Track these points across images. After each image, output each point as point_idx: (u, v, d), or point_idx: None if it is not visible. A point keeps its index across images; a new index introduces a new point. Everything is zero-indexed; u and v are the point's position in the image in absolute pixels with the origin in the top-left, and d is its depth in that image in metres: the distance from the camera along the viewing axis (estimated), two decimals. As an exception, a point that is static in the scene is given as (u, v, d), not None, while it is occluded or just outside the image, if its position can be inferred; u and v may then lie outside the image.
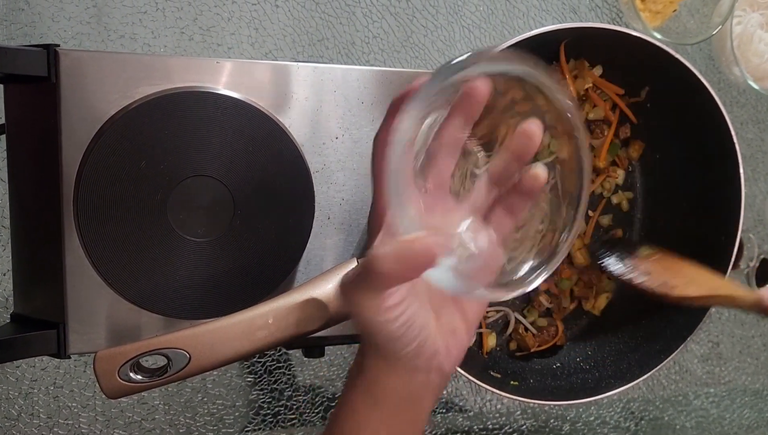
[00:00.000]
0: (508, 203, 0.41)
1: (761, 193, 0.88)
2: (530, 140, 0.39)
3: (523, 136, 0.39)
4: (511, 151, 0.40)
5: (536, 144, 0.39)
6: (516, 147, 0.40)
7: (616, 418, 0.83)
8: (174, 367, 0.46)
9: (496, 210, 0.42)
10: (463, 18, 0.71)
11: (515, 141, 0.39)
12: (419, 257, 0.35)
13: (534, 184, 0.40)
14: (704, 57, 0.83)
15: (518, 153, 0.40)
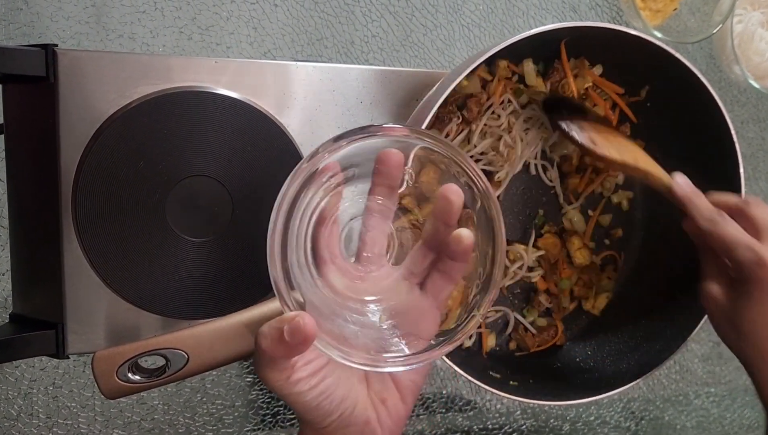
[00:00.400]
0: (443, 268, 0.42)
1: (762, 192, 0.88)
2: (450, 204, 0.39)
3: (444, 200, 0.40)
4: (435, 215, 0.41)
5: (457, 207, 0.39)
6: (439, 211, 0.40)
7: (616, 417, 0.83)
8: (172, 367, 0.46)
9: (432, 275, 0.42)
10: (462, 17, 0.71)
11: (437, 205, 0.40)
12: (294, 336, 0.36)
13: (458, 247, 0.40)
14: (705, 56, 0.83)
15: (442, 217, 0.40)
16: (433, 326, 0.42)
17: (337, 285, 0.41)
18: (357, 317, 0.41)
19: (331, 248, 0.41)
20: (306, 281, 0.39)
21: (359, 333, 0.41)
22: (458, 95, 0.60)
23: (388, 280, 0.43)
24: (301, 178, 0.37)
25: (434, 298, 0.42)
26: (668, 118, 0.65)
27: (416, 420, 0.73)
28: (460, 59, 0.71)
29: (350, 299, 0.42)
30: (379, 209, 0.42)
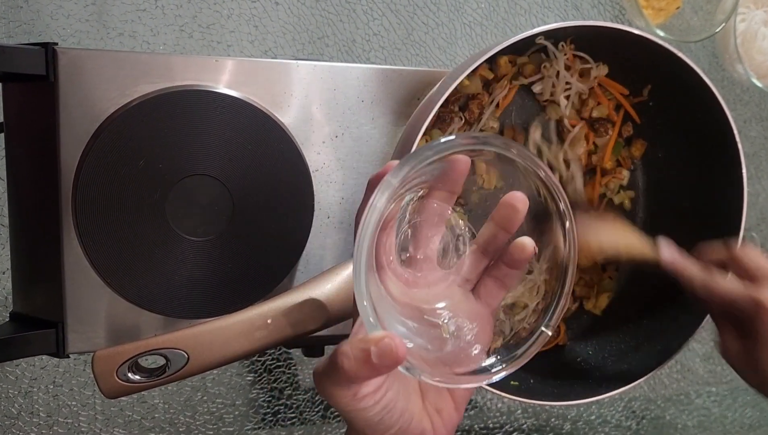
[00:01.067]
0: (498, 274, 0.42)
1: (764, 192, 0.87)
2: (515, 211, 0.39)
3: (508, 208, 0.39)
4: (496, 222, 0.40)
5: (521, 215, 0.39)
6: (501, 218, 0.40)
7: (617, 417, 0.83)
8: (172, 367, 0.46)
9: (486, 281, 0.42)
10: (464, 15, 0.70)
11: (500, 212, 0.40)
12: (383, 358, 0.34)
13: (521, 256, 0.40)
14: (707, 54, 0.82)
15: (504, 224, 0.40)
16: (489, 333, 0.42)
17: (395, 292, 0.40)
18: (423, 328, 0.40)
19: (387, 252, 0.40)
20: (373, 289, 0.38)
21: (428, 345, 0.40)
22: (459, 95, 0.60)
23: (444, 286, 0.42)
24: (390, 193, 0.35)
25: (487, 305, 0.42)
26: (671, 117, 0.65)
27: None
28: (462, 58, 0.71)
29: (412, 307, 0.41)
30: (435, 213, 0.41)
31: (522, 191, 0.39)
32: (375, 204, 0.34)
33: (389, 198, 0.34)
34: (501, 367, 0.39)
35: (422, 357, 0.38)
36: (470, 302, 0.42)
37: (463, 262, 0.42)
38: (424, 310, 0.41)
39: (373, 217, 0.34)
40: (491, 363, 0.40)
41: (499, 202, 0.40)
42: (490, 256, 0.42)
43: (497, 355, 0.40)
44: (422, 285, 0.42)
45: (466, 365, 0.40)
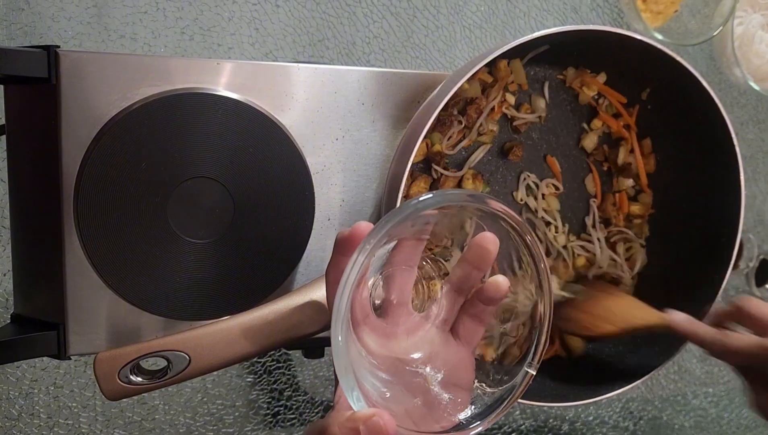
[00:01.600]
0: (475, 311, 0.42)
1: (761, 194, 0.88)
2: (486, 252, 0.40)
3: (479, 248, 0.40)
4: (468, 262, 0.41)
5: (493, 254, 0.40)
6: (473, 258, 0.41)
7: (615, 417, 0.83)
8: (174, 369, 0.46)
9: (463, 319, 0.42)
10: (464, 18, 0.71)
11: (471, 252, 0.40)
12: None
13: (497, 293, 0.40)
14: (705, 57, 0.83)
15: (476, 264, 0.41)
16: (471, 372, 0.42)
17: (373, 347, 0.40)
18: (406, 380, 0.41)
19: (363, 308, 0.40)
20: (351, 352, 0.37)
21: (413, 397, 0.40)
22: (458, 99, 0.60)
23: (423, 331, 0.42)
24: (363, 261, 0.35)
25: (467, 344, 0.42)
26: (669, 119, 0.65)
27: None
28: (462, 60, 0.71)
29: (392, 360, 0.41)
30: (406, 260, 0.42)
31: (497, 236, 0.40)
32: (354, 265, 0.34)
33: (366, 258, 0.34)
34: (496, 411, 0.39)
35: (408, 411, 0.38)
36: (450, 345, 0.42)
37: (440, 303, 0.43)
38: (405, 361, 0.41)
39: (350, 280, 0.34)
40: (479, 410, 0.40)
41: (471, 242, 0.40)
42: (465, 295, 0.42)
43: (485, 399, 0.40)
44: (401, 334, 0.42)
45: (454, 412, 0.40)
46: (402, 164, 0.53)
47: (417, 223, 0.40)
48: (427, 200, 0.35)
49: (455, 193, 0.39)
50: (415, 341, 0.42)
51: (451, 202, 0.38)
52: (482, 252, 0.40)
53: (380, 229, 0.34)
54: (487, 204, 0.38)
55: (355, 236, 0.37)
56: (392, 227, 0.35)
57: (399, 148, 0.56)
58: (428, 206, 0.36)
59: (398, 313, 0.42)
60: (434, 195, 0.36)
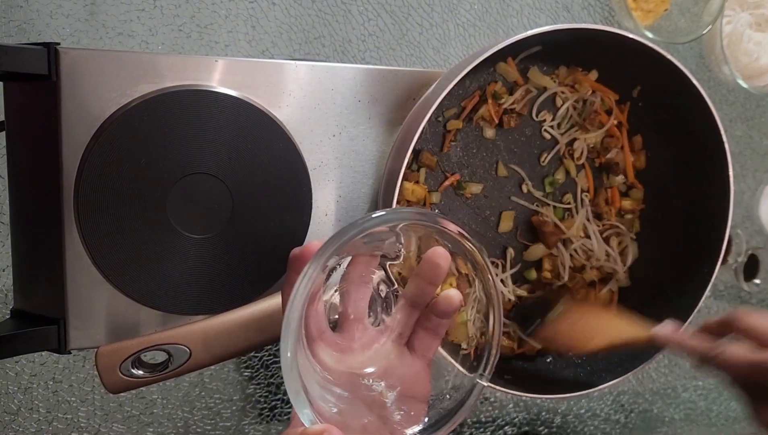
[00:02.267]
0: (430, 325, 0.43)
1: (749, 190, 0.89)
2: (437, 267, 0.41)
3: (431, 264, 0.41)
4: (421, 277, 0.42)
5: (444, 270, 0.41)
6: (425, 273, 0.41)
7: (606, 410, 0.85)
8: (175, 362, 0.47)
9: (419, 333, 0.43)
10: (458, 16, 0.71)
11: (423, 268, 0.41)
12: None
13: (450, 307, 0.41)
14: (694, 56, 0.84)
15: (429, 278, 0.41)
16: (427, 385, 0.43)
17: (329, 362, 0.41)
18: (361, 394, 0.41)
19: (318, 323, 0.41)
20: (304, 367, 0.38)
21: (369, 412, 0.40)
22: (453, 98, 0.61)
23: (379, 346, 0.43)
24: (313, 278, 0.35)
25: (423, 357, 0.43)
26: (659, 116, 0.66)
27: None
28: (456, 58, 0.72)
29: (348, 375, 0.41)
30: (360, 276, 0.42)
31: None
32: (302, 282, 0.34)
33: (316, 274, 0.34)
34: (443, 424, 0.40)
35: (364, 425, 0.39)
36: (405, 358, 0.43)
37: (395, 317, 0.43)
38: (360, 376, 0.42)
39: (299, 296, 0.34)
40: (433, 422, 0.40)
41: (423, 258, 0.41)
42: (420, 309, 0.43)
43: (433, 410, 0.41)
44: (357, 348, 0.42)
45: (409, 424, 0.40)
46: (398, 161, 0.54)
47: (370, 239, 0.40)
48: (378, 218, 0.36)
49: (406, 212, 0.40)
50: (371, 355, 0.43)
51: (401, 220, 0.38)
52: (434, 267, 0.41)
53: (328, 248, 0.35)
54: (438, 223, 0.38)
55: (306, 254, 0.38)
56: (340, 246, 0.35)
57: (395, 145, 0.57)
58: (377, 224, 0.36)
59: (354, 328, 0.43)
60: (386, 213, 0.36)
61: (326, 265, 0.36)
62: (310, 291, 0.35)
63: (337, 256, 0.38)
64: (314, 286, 0.35)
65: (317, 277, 0.35)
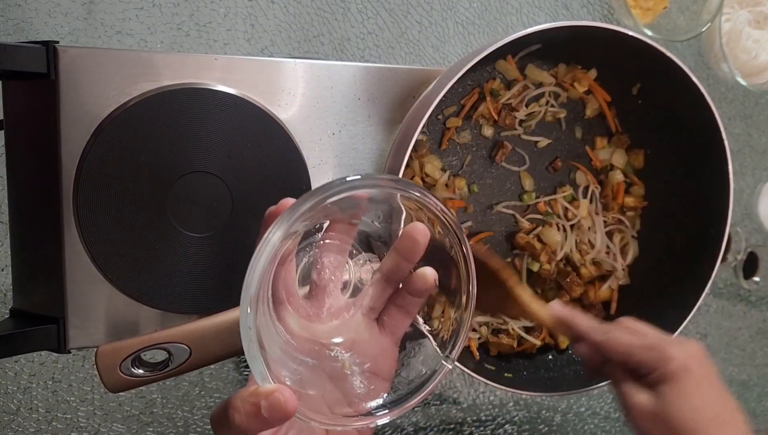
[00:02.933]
0: (402, 302, 0.42)
1: (748, 188, 0.89)
2: (415, 243, 0.39)
3: (409, 239, 0.40)
4: (398, 252, 0.41)
5: (422, 246, 0.39)
6: (403, 249, 0.40)
7: (606, 408, 0.85)
8: (175, 361, 0.47)
9: (390, 309, 0.42)
10: (457, 14, 0.71)
11: (401, 243, 0.40)
12: (273, 412, 0.33)
13: (424, 285, 0.40)
14: (693, 53, 0.84)
15: (406, 254, 0.40)
16: (392, 364, 0.42)
17: (294, 328, 0.40)
18: (323, 363, 0.40)
19: (287, 287, 0.39)
20: (266, 328, 0.37)
21: (327, 383, 0.39)
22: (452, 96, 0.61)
23: (347, 318, 0.42)
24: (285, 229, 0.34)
25: (392, 334, 0.42)
26: (659, 114, 0.66)
27: (411, 412, 0.74)
28: (455, 56, 0.72)
29: (312, 343, 0.40)
30: (335, 244, 0.41)
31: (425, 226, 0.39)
32: (269, 239, 0.33)
33: (284, 234, 0.33)
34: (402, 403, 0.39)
35: (324, 395, 0.38)
36: (374, 333, 0.42)
37: (367, 291, 0.42)
38: (325, 345, 0.41)
39: (263, 254, 0.33)
40: (393, 399, 0.40)
41: (401, 232, 0.40)
42: (394, 285, 0.42)
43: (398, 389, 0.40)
44: (325, 317, 0.41)
45: (368, 399, 0.39)
46: (398, 159, 0.54)
47: (345, 205, 0.38)
48: (351, 183, 0.34)
49: (380, 178, 0.38)
50: (339, 326, 0.42)
51: (374, 186, 0.36)
52: (412, 243, 0.40)
53: (297, 208, 0.33)
54: (410, 191, 0.37)
55: (281, 211, 0.37)
56: (310, 208, 0.34)
57: (395, 143, 0.57)
58: (350, 189, 0.35)
59: (324, 296, 0.42)
60: (361, 178, 0.35)
61: (295, 225, 0.34)
62: (277, 251, 0.33)
63: (307, 219, 0.36)
64: (286, 247, 0.34)
65: (290, 239, 0.34)
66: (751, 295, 0.91)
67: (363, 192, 0.37)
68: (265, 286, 0.36)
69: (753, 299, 0.91)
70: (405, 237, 0.40)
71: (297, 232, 0.38)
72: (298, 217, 0.34)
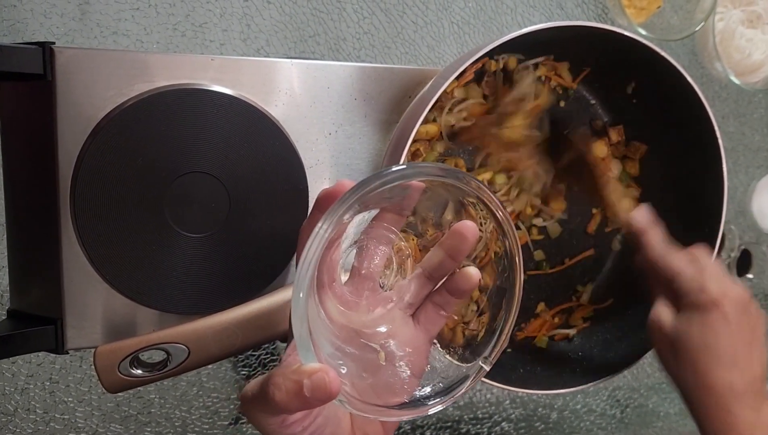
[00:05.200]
0: (440, 301, 0.41)
1: (742, 186, 0.90)
2: (464, 240, 0.39)
3: (457, 236, 0.39)
4: (444, 249, 0.40)
5: (470, 244, 0.39)
6: (450, 246, 0.39)
7: (602, 405, 0.85)
8: (174, 361, 0.47)
9: (427, 307, 0.41)
10: (452, 14, 0.72)
11: (449, 240, 0.39)
12: (316, 392, 0.32)
13: (466, 285, 0.40)
14: (687, 52, 0.84)
15: (452, 252, 0.40)
16: (424, 361, 0.41)
17: (333, 313, 0.39)
18: (359, 353, 0.40)
19: (331, 272, 0.39)
20: (310, 311, 0.36)
21: (363, 371, 0.39)
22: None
23: (385, 309, 0.41)
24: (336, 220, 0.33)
25: (426, 332, 0.41)
26: (653, 113, 0.66)
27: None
28: (450, 56, 0.72)
29: (349, 330, 0.40)
30: (383, 234, 0.41)
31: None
32: (319, 232, 0.32)
33: (335, 225, 0.33)
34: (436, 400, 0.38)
35: (354, 383, 0.37)
36: (409, 328, 0.41)
37: (408, 285, 0.42)
38: (361, 334, 0.40)
39: (316, 245, 0.32)
40: (425, 394, 0.39)
41: (450, 229, 0.39)
42: (435, 282, 0.41)
43: (432, 386, 0.40)
44: (363, 307, 0.41)
45: (400, 394, 0.39)
46: (395, 158, 0.54)
47: (394, 194, 0.38)
48: (398, 172, 0.34)
49: (427, 166, 0.37)
50: (375, 318, 0.41)
51: (421, 174, 0.36)
52: (460, 240, 0.39)
53: (351, 195, 0.33)
54: (460, 179, 0.36)
55: (337, 194, 0.36)
56: (364, 194, 0.33)
57: (391, 143, 0.57)
58: (399, 178, 0.34)
59: (364, 285, 0.41)
60: (407, 166, 0.35)
61: (348, 213, 0.34)
62: (330, 237, 0.33)
63: (360, 206, 0.36)
64: (335, 232, 0.34)
65: (338, 224, 0.34)
66: (745, 292, 0.92)
67: (418, 182, 0.36)
68: (314, 272, 0.35)
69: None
70: (453, 234, 0.39)
71: (348, 218, 0.37)
72: (350, 206, 0.33)
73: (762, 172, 0.90)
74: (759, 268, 0.89)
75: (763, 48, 0.81)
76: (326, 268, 0.38)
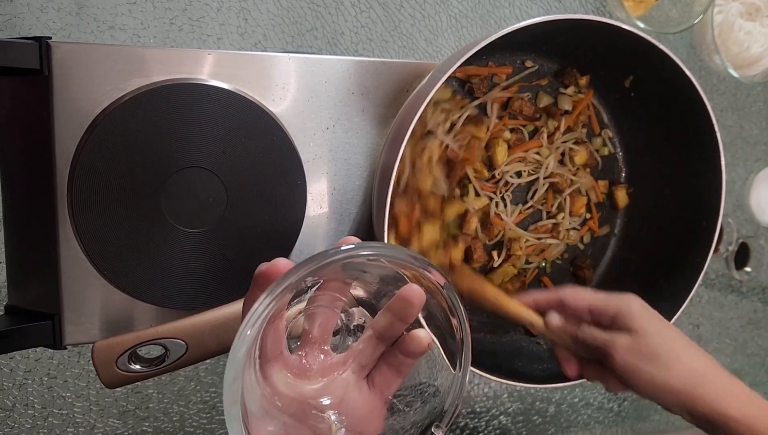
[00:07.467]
0: (394, 362, 0.41)
1: (740, 179, 0.90)
2: (410, 306, 0.39)
3: (404, 301, 0.39)
4: (392, 312, 0.40)
5: (417, 309, 0.39)
6: (397, 310, 0.39)
7: (599, 399, 0.85)
8: (172, 356, 0.47)
9: (381, 368, 0.41)
10: (450, 7, 0.71)
11: (396, 304, 0.39)
12: None
13: (417, 348, 0.40)
14: (686, 45, 0.84)
15: (399, 315, 0.39)
16: (379, 424, 0.41)
17: (281, 386, 0.39)
18: (309, 424, 0.39)
19: (275, 344, 0.38)
20: (250, 387, 0.36)
21: None
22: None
23: (337, 375, 0.41)
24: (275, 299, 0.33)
25: (381, 393, 0.41)
26: (652, 106, 0.66)
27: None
28: (448, 49, 0.72)
29: (298, 402, 0.39)
30: (328, 299, 0.40)
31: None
32: (258, 311, 0.32)
33: (275, 304, 0.32)
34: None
35: None
36: (363, 392, 0.41)
37: (358, 348, 0.41)
38: (312, 405, 0.40)
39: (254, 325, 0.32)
40: None
41: (397, 293, 0.39)
42: (387, 343, 0.41)
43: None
44: (314, 374, 0.40)
45: None
46: (393, 153, 0.54)
47: (349, 267, 0.38)
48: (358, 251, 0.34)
49: (399, 252, 0.37)
50: (327, 384, 0.41)
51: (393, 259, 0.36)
52: (406, 305, 0.39)
53: (289, 276, 0.33)
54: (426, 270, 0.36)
55: (274, 273, 0.36)
56: (311, 272, 0.33)
57: (389, 138, 0.57)
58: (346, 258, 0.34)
59: (315, 352, 0.41)
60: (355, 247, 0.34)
61: (292, 289, 0.34)
62: (271, 312, 0.33)
63: (305, 281, 0.36)
64: (278, 305, 0.33)
65: (279, 301, 0.33)
66: (742, 286, 0.92)
67: (360, 260, 0.36)
68: (253, 347, 0.35)
69: (744, 290, 0.92)
70: (400, 299, 0.39)
71: (290, 293, 0.37)
72: (288, 286, 0.33)
73: (760, 166, 0.90)
74: (757, 262, 0.90)
75: (761, 41, 0.81)
76: (270, 341, 0.38)
